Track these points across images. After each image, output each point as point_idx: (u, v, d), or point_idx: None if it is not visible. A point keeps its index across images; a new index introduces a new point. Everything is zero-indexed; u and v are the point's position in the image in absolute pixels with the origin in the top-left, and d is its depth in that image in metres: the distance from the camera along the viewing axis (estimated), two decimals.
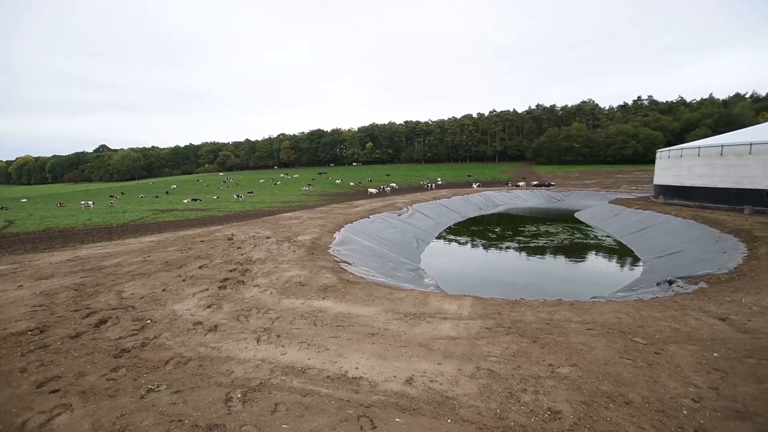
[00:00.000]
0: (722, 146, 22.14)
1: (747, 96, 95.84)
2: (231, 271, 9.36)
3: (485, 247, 18.95)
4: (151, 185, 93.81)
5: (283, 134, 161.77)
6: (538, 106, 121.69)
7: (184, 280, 8.55)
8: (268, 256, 10.92)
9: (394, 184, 53.85)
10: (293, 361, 4.90)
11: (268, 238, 13.74)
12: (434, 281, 12.30)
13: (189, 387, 4.25)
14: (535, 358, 4.81)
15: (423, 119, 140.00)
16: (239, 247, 12.14)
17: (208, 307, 6.92)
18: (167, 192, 65.31)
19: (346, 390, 4.21)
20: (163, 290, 7.85)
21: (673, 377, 4.31)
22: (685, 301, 7.25)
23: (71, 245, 16.54)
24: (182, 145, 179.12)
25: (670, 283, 9.33)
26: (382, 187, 48.74)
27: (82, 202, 41.08)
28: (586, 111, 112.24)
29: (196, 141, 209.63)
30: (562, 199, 42.04)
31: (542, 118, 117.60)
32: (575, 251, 17.95)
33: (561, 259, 16.48)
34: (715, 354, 4.86)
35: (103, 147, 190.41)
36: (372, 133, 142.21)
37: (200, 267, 9.71)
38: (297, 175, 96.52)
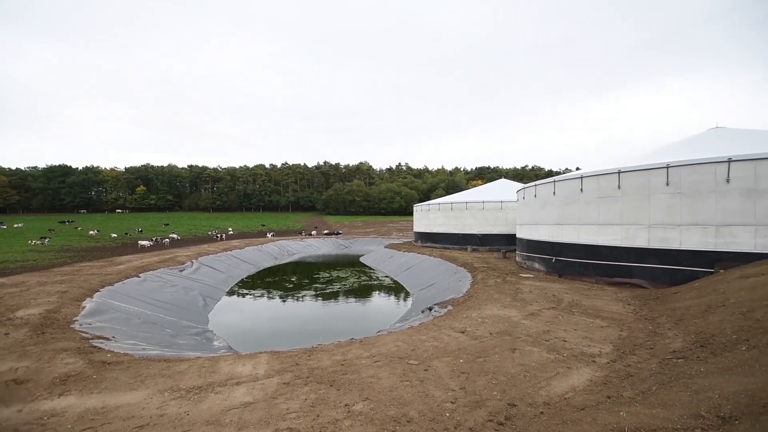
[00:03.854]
0: (452, 203, 30.51)
1: (462, 169, 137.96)
2: None
3: (282, 298, 18.58)
4: None
5: None
6: (325, 162, 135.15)
7: None
8: None
9: (174, 235, 46.42)
10: None
11: None
12: (226, 342, 10.99)
13: None
14: (332, 402, 4.92)
15: (211, 165, 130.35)
16: None
17: None
18: None
19: None
20: None
21: (438, 387, 5.28)
22: (440, 322, 9.20)
23: None
24: None
25: (430, 309, 11.65)
26: (157, 238, 41.05)
27: None
28: (363, 171, 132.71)
29: None
30: (349, 246, 46.81)
31: (329, 173, 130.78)
32: (363, 292, 20.02)
33: (352, 301, 17.98)
34: (461, 360, 6.30)
35: None
36: (145, 176, 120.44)
37: None
38: (21, 225, 68.96)
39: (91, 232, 49.71)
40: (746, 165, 10.51)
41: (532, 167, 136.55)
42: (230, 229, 64.08)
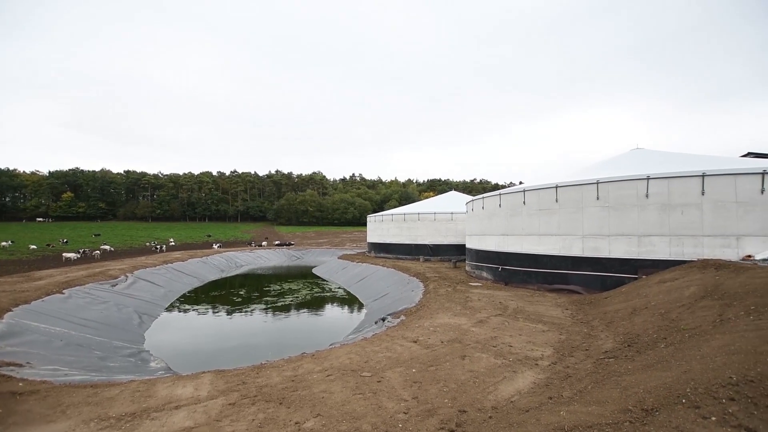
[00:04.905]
0: (404, 214, 31.05)
1: (414, 181, 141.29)
2: None
3: (229, 313, 17.61)
4: None
5: None
6: (277, 171, 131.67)
7: None
8: None
9: (107, 247, 42.38)
10: None
11: None
12: (164, 363, 10.17)
13: None
14: (282, 421, 4.72)
15: (151, 171, 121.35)
16: None
17: None
18: None
19: None
20: None
21: (390, 398, 5.28)
22: (393, 332, 9.25)
23: None
24: None
25: (383, 320, 11.67)
26: (86, 250, 37.22)
27: None
28: (317, 180, 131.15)
29: None
30: (301, 257, 45.72)
31: (281, 183, 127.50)
32: (316, 304, 19.58)
33: (304, 314, 17.49)
34: (414, 370, 6.37)
35: None
36: (74, 181, 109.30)
37: None
38: None
39: (4, 243, 43.84)
40: (661, 182, 11.87)
41: (480, 180, 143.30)
42: (172, 240, 59.86)
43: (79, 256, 33.46)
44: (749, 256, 10.44)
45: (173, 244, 55.98)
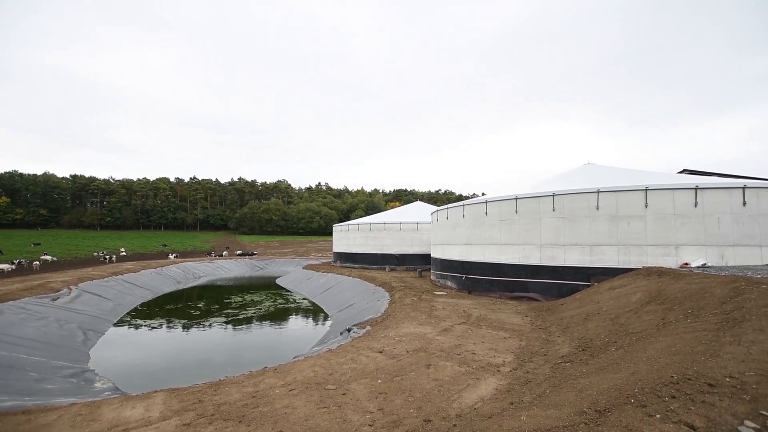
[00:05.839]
0: (371, 224, 31.14)
1: (381, 191, 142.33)
2: None
3: (185, 327, 16.67)
4: None
5: None
6: (240, 179, 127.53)
7: None
8: None
9: (48, 257, 38.93)
10: None
11: None
12: (111, 383, 9.42)
13: None
14: None
15: (102, 176, 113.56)
16: None
17: None
18: None
19: None
20: None
21: (356, 411, 5.20)
22: (359, 342, 9.16)
23: None
24: None
25: (349, 330, 11.53)
26: (23, 261, 33.98)
27: None
28: (282, 189, 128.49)
29: None
30: (264, 267, 44.39)
31: (244, 190, 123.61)
32: (279, 316, 19.00)
33: (267, 326, 16.91)
34: (379, 381, 6.33)
35: None
36: (10, 185, 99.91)
37: None
38: None
39: None
40: (610, 196, 12.74)
41: (445, 191, 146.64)
42: (123, 249, 56.08)
43: (13, 267, 30.50)
44: (686, 263, 11.39)
45: (124, 254, 52.46)
